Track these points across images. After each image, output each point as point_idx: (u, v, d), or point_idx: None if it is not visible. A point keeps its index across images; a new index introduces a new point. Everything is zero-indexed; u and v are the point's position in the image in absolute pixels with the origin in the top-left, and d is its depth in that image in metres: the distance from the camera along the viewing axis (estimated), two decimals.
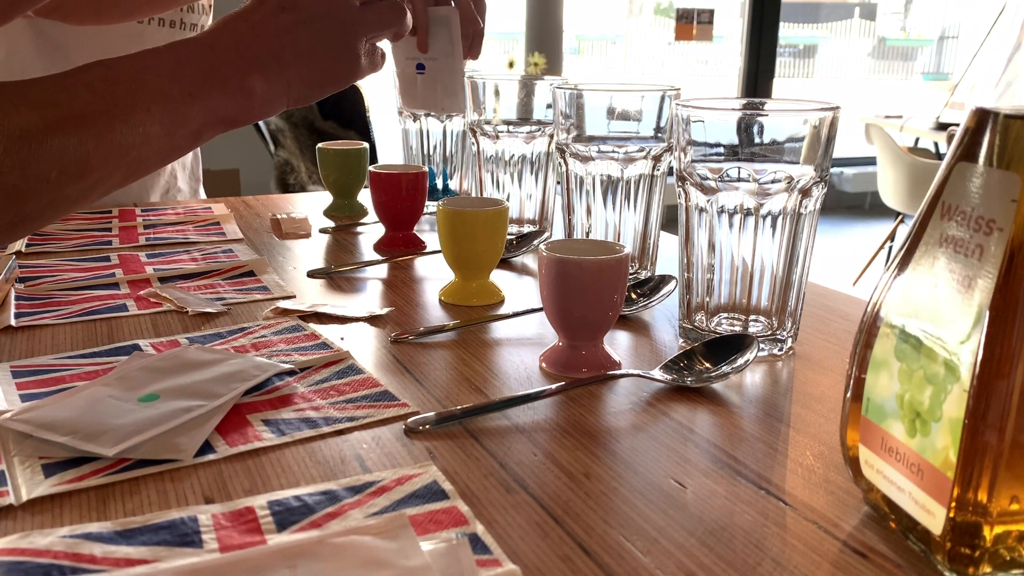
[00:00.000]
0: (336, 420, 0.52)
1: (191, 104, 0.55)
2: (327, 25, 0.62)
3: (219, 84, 0.56)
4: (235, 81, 0.57)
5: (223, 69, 0.57)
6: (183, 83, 0.55)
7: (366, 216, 1.07)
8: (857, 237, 4.93)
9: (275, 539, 0.40)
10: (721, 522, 0.43)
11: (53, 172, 0.48)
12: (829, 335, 0.69)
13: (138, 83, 0.53)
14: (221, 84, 0.56)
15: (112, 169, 0.52)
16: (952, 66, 12.08)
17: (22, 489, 0.44)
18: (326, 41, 0.62)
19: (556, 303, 0.59)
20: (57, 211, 0.51)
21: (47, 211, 0.50)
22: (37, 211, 0.49)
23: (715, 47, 8.84)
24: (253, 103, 0.59)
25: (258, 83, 0.58)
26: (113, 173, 0.52)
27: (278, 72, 0.59)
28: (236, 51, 0.58)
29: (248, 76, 0.58)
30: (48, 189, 0.48)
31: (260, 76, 0.58)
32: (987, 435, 0.35)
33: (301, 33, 0.61)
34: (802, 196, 0.60)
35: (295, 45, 0.60)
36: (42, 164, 0.48)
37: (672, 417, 0.54)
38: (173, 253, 0.89)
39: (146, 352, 0.62)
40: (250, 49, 0.58)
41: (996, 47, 0.37)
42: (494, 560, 0.39)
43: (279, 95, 0.60)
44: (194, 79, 0.55)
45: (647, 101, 0.75)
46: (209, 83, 0.56)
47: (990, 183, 0.36)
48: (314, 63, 0.62)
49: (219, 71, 0.57)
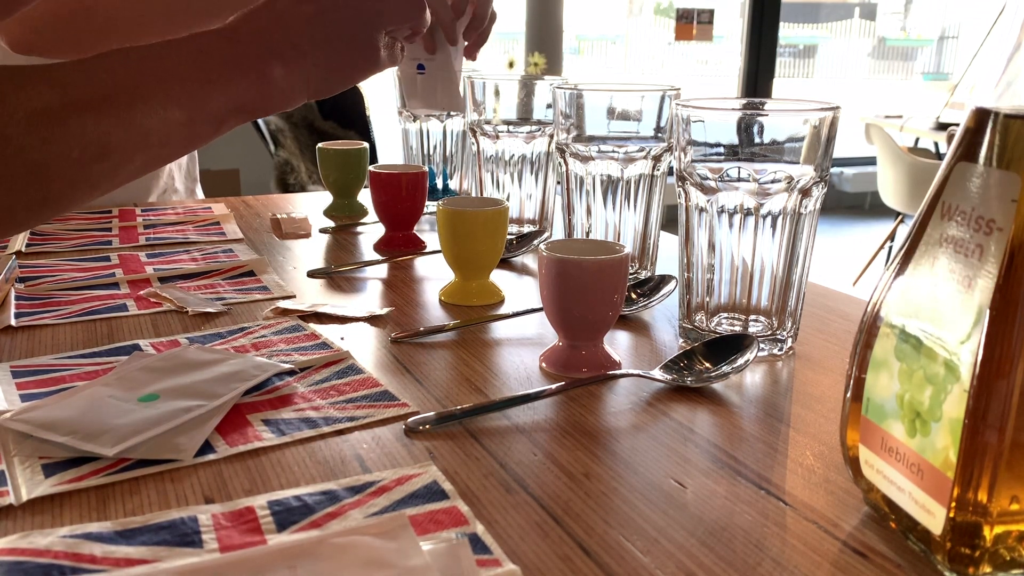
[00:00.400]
0: (336, 420, 0.52)
1: (211, 90, 0.55)
2: (347, 16, 0.62)
3: (239, 71, 0.57)
4: (255, 69, 0.58)
5: (243, 57, 0.57)
6: (204, 69, 0.55)
7: (366, 216, 1.07)
8: (857, 237, 4.93)
9: (275, 539, 0.40)
10: (721, 522, 0.43)
11: (75, 151, 0.49)
12: (829, 335, 0.69)
13: (158, 68, 0.53)
14: (241, 71, 0.57)
15: (133, 151, 0.52)
16: (952, 66, 12.08)
17: (22, 489, 0.44)
18: (346, 32, 0.62)
19: (556, 303, 0.59)
20: (81, 192, 0.51)
21: (71, 192, 0.51)
22: (61, 190, 0.50)
23: (715, 47, 8.83)
24: (273, 91, 0.59)
25: (278, 71, 0.59)
26: (134, 156, 0.52)
27: (298, 61, 0.60)
28: (256, 40, 0.58)
29: (268, 64, 0.58)
30: (71, 168, 0.49)
31: (280, 65, 0.59)
32: (987, 435, 0.35)
33: (321, 24, 0.61)
34: (802, 196, 0.60)
35: (315, 35, 0.61)
36: (63, 142, 0.48)
37: (672, 417, 0.54)
38: (173, 253, 0.89)
39: (146, 352, 0.62)
40: (271, 38, 0.59)
41: (996, 47, 0.37)
42: (494, 560, 0.39)
43: (299, 85, 0.61)
44: (215, 66, 0.56)
45: (647, 101, 0.75)
46: (229, 70, 0.56)
47: (990, 183, 0.36)
48: (333, 54, 0.62)
49: (239, 59, 0.57)
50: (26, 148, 0.47)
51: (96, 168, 0.50)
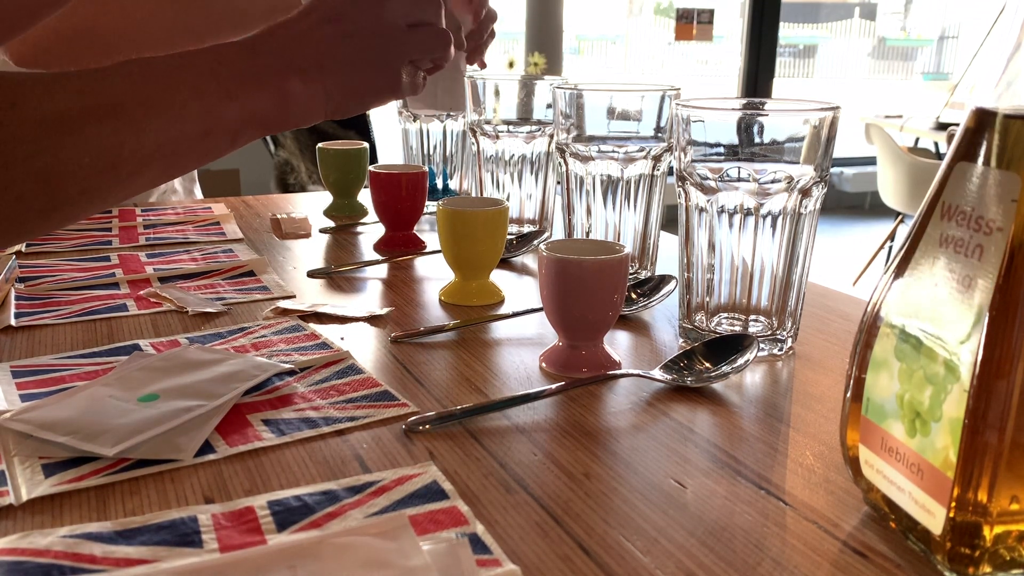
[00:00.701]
0: (336, 420, 0.52)
1: (228, 103, 0.55)
2: (371, 42, 0.62)
3: (257, 85, 0.56)
4: (274, 83, 0.57)
5: (263, 71, 0.57)
6: (221, 82, 0.55)
7: (366, 216, 1.07)
8: (857, 237, 4.93)
9: (275, 539, 0.40)
10: (721, 522, 0.43)
11: (86, 158, 0.48)
12: (829, 335, 0.69)
13: (175, 79, 0.53)
14: (259, 85, 0.56)
15: (146, 162, 0.51)
16: (952, 66, 12.08)
17: (22, 489, 0.44)
18: (369, 56, 0.62)
19: (556, 303, 0.59)
20: (91, 200, 0.51)
21: (80, 200, 0.50)
22: (69, 198, 0.49)
23: (715, 47, 8.83)
24: (291, 107, 0.58)
25: (297, 87, 0.58)
26: (148, 166, 0.52)
27: (318, 79, 0.59)
28: (277, 55, 0.58)
29: (287, 79, 0.58)
30: (81, 175, 0.49)
31: (300, 80, 0.58)
32: (987, 435, 0.35)
33: (344, 45, 0.61)
34: (802, 196, 0.60)
35: (339, 56, 0.60)
36: (74, 150, 0.48)
37: (672, 417, 0.54)
38: (173, 253, 0.89)
39: (146, 352, 0.62)
40: (292, 55, 0.59)
41: (996, 47, 0.37)
42: (494, 560, 0.39)
43: (318, 102, 0.60)
44: (233, 79, 0.55)
45: (647, 101, 0.75)
46: (248, 84, 0.56)
47: (990, 183, 0.36)
48: (356, 76, 0.62)
49: (258, 72, 0.57)
50: (37, 153, 0.47)
51: (108, 177, 0.50)
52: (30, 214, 0.48)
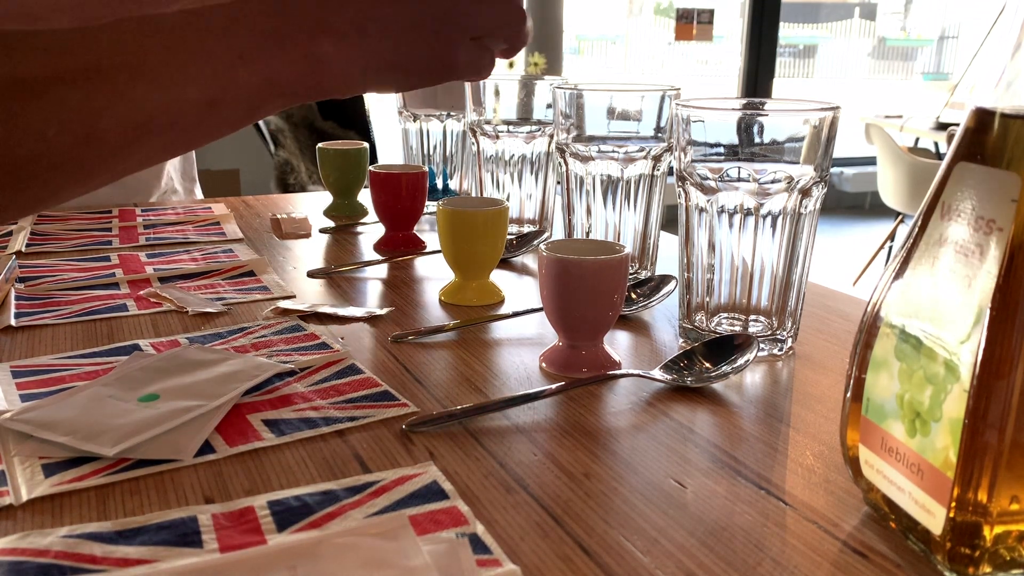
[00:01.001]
0: (336, 420, 0.52)
1: (240, 68, 0.47)
2: (427, 9, 0.52)
3: (278, 46, 0.48)
4: (299, 45, 0.48)
5: (287, 30, 0.48)
6: (234, 43, 0.46)
7: (366, 216, 1.07)
8: (857, 237, 4.93)
9: (275, 539, 0.40)
10: (721, 522, 0.43)
11: (50, 129, 0.42)
12: (829, 335, 0.69)
13: (175, 39, 0.45)
14: (280, 47, 0.48)
15: (136, 135, 0.45)
16: (952, 66, 12.08)
17: (22, 489, 0.44)
18: (422, 24, 0.51)
19: (556, 303, 0.59)
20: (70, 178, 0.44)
21: (54, 177, 0.44)
22: (36, 175, 0.43)
23: (715, 47, 8.83)
24: (321, 73, 0.49)
25: (328, 49, 0.49)
26: (139, 140, 0.45)
27: (357, 43, 0.50)
28: (309, 14, 0.49)
29: (317, 41, 0.49)
30: (46, 148, 0.42)
31: (331, 42, 0.49)
32: (987, 435, 0.35)
33: (394, 9, 0.51)
34: (802, 196, 0.60)
35: (384, 20, 0.50)
36: (35, 117, 0.41)
37: (672, 417, 0.54)
38: (173, 253, 0.89)
39: (146, 352, 0.62)
40: (326, 13, 0.49)
41: (996, 47, 0.37)
42: (494, 560, 0.39)
43: (354, 70, 0.50)
44: (249, 39, 0.47)
45: (647, 101, 0.75)
46: (267, 45, 0.47)
47: (990, 183, 0.36)
48: (404, 45, 0.51)
49: (281, 32, 0.48)
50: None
51: (85, 151, 0.43)
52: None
